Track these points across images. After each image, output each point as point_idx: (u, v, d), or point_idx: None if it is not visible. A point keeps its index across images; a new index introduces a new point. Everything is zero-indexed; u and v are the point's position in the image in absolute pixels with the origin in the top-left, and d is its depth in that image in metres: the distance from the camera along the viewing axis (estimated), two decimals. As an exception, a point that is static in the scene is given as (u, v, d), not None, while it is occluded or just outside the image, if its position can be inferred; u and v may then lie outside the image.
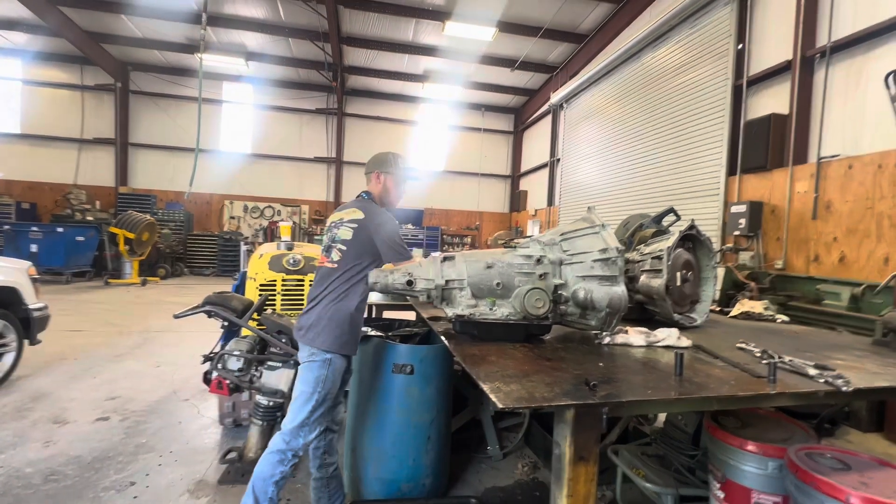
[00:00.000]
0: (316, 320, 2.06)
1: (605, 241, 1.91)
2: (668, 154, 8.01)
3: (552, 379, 1.44)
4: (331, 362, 2.04)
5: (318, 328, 2.05)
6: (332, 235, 2.19)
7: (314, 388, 2.01)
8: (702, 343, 2.04)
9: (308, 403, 2.00)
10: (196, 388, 4.29)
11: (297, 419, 1.99)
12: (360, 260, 2.10)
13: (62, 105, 14.33)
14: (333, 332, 2.04)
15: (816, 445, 1.74)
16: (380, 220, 2.13)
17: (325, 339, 2.03)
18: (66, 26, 11.60)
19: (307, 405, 2.00)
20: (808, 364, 1.64)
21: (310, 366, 2.04)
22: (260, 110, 15.63)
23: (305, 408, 2.00)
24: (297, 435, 2.00)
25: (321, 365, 2.03)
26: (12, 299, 4.28)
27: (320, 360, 2.03)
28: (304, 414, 2.00)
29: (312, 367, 2.03)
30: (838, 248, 5.13)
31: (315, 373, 2.02)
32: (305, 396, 2.01)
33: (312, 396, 2.00)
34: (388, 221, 2.16)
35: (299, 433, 2.00)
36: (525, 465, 3.19)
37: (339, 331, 2.05)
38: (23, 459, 2.94)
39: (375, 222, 2.12)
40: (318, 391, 2.01)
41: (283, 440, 2.00)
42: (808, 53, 5.62)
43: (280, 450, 1.98)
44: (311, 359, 2.04)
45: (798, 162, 5.67)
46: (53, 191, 14.12)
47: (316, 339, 2.03)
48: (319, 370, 2.02)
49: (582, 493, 1.27)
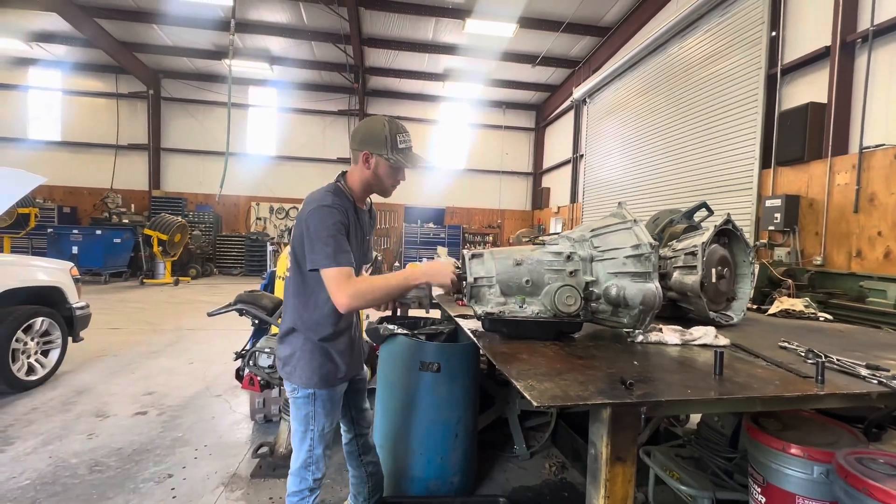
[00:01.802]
0: (290, 353, 1.78)
1: (638, 237, 1.86)
2: (697, 148, 7.77)
3: (585, 378, 1.41)
4: (315, 396, 1.77)
5: (293, 362, 1.77)
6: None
7: (305, 426, 1.79)
8: (740, 342, 1.96)
9: (304, 443, 1.80)
10: (227, 384, 4.42)
11: (300, 459, 1.81)
12: (304, 265, 1.68)
13: (99, 113, 14.99)
14: (311, 366, 1.75)
15: (866, 450, 1.65)
16: (311, 208, 1.65)
17: (302, 374, 1.75)
18: (101, 37, 12.13)
19: (304, 444, 1.80)
20: (858, 364, 1.56)
21: (295, 402, 1.80)
22: (284, 113, 15.97)
23: (303, 447, 1.80)
24: (305, 476, 1.81)
25: (305, 402, 1.77)
26: (57, 298, 4.49)
27: (302, 396, 1.77)
28: (303, 454, 1.80)
29: (297, 403, 1.79)
30: (883, 243, 4.87)
31: (302, 410, 1.78)
32: (300, 435, 1.81)
33: (307, 435, 1.79)
34: (317, 209, 1.63)
35: (306, 473, 1.81)
36: (553, 465, 3.15)
37: (317, 363, 1.76)
38: (69, 450, 3.09)
39: (306, 211, 1.66)
40: (311, 428, 1.79)
41: (295, 481, 1.83)
42: (848, 38, 5.36)
43: (296, 491, 1.81)
44: (293, 395, 1.79)
45: (838, 153, 5.42)
46: (92, 195, 14.78)
47: (292, 374, 1.77)
48: (305, 407, 1.78)
49: (619, 494, 1.24)
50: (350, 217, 1.73)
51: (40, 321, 4.27)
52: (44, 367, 4.33)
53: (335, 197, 1.70)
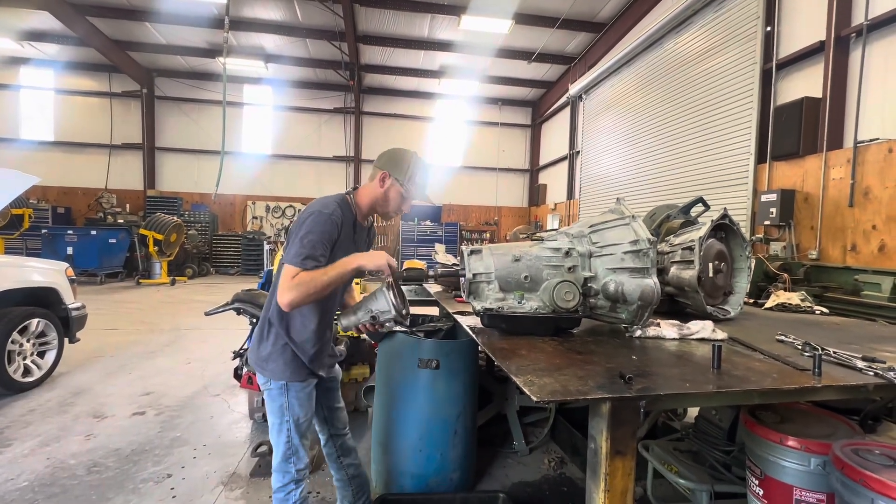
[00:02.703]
0: (263, 346, 1.85)
1: (636, 233, 1.87)
2: (693, 143, 7.79)
3: (584, 372, 1.41)
4: (287, 388, 1.83)
5: (266, 354, 1.84)
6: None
7: (281, 417, 1.84)
8: (738, 336, 1.98)
9: (282, 434, 1.84)
10: (226, 383, 4.41)
11: (279, 453, 1.86)
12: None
13: (92, 112, 14.87)
14: (283, 358, 1.82)
15: (863, 441, 1.67)
16: (309, 212, 1.74)
17: (275, 367, 1.82)
18: (93, 35, 12.01)
19: (282, 436, 1.84)
20: (854, 356, 1.57)
21: (269, 394, 1.85)
22: (279, 111, 15.88)
23: (281, 439, 1.85)
24: (287, 469, 1.85)
25: (279, 392, 1.83)
26: (52, 299, 4.47)
27: (276, 387, 1.83)
28: (282, 446, 1.85)
29: (272, 395, 1.85)
30: (878, 237, 4.90)
31: (276, 401, 1.84)
32: (276, 428, 1.85)
33: (283, 427, 1.84)
34: (317, 214, 1.72)
35: (288, 465, 1.85)
36: (552, 461, 3.16)
37: (289, 356, 1.83)
38: (67, 451, 3.08)
39: (305, 214, 1.75)
40: (287, 419, 1.83)
41: (279, 477, 1.87)
42: (842, 33, 5.37)
43: (281, 486, 1.86)
44: (266, 386, 1.85)
45: (833, 147, 5.44)
46: (86, 195, 14.68)
47: (265, 367, 1.84)
48: (279, 398, 1.83)
49: (619, 487, 1.25)
50: (344, 231, 1.78)
51: (36, 322, 4.24)
52: (40, 368, 4.31)
53: (338, 207, 1.77)
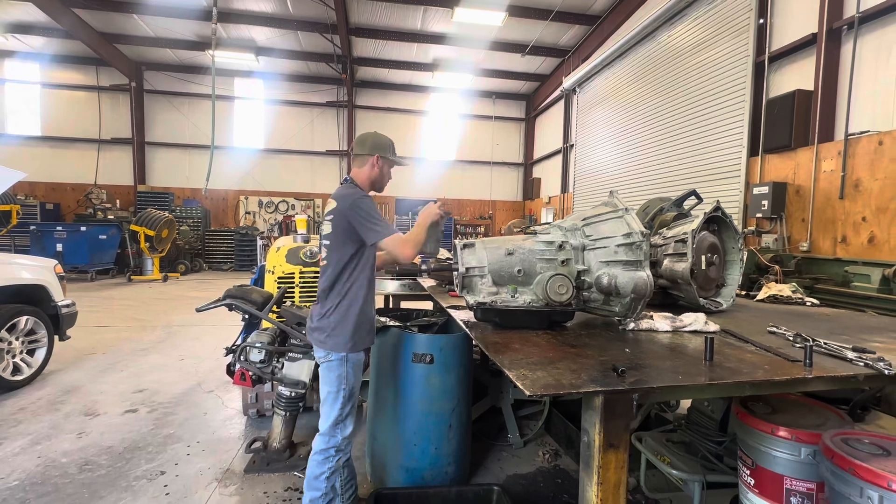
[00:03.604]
0: (326, 323, 2.08)
1: (629, 225, 1.86)
2: (687, 136, 7.81)
3: (578, 366, 1.41)
4: (347, 359, 2.08)
5: (328, 331, 2.07)
6: (320, 232, 2.23)
7: (338, 386, 2.07)
8: (730, 327, 1.99)
9: (337, 402, 2.07)
10: (219, 380, 4.39)
11: (331, 418, 2.08)
12: (345, 249, 2.05)
13: (79, 106, 14.62)
14: (344, 334, 2.06)
15: (852, 431, 1.68)
16: (352, 200, 2.02)
17: (337, 341, 2.06)
18: (79, 28, 11.77)
19: (336, 403, 2.07)
20: (845, 347, 1.58)
21: (328, 366, 2.09)
22: (271, 105, 15.71)
23: (335, 406, 2.07)
24: (334, 433, 2.08)
25: (339, 363, 2.07)
26: (41, 296, 4.40)
27: (336, 359, 2.07)
28: (335, 412, 2.07)
29: (331, 366, 2.08)
30: (867, 229, 4.95)
31: (335, 371, 2.07)
32: (333, 396, 2.08)
33: (339, 395, 2.08)
34: (358, 201, 2.03)
35: (335, 431, 2.09)
36: (546, 453, 3.18)
37: (350, 331, 2.06)
38: (58, 450, 3.05)
39: (348, 204, 2.02)
40: (343, 388, 2.08)
41: (323, 440, 2.09)
42: (834, 25, 5.38)
43: (322, 449, 2.08)
44: (327, 359, 2.09)
45: (824, 140, 5.47)
46: (75, 191, 14.47)
47: (327, 341, 2.07)
48: (339, 368, 2.07)
49: (612, 480, 1.25)
50: None
51: (24, 320, 4.18)
52: (30, 366, 4.25)
53: (361, 190, 2.13)
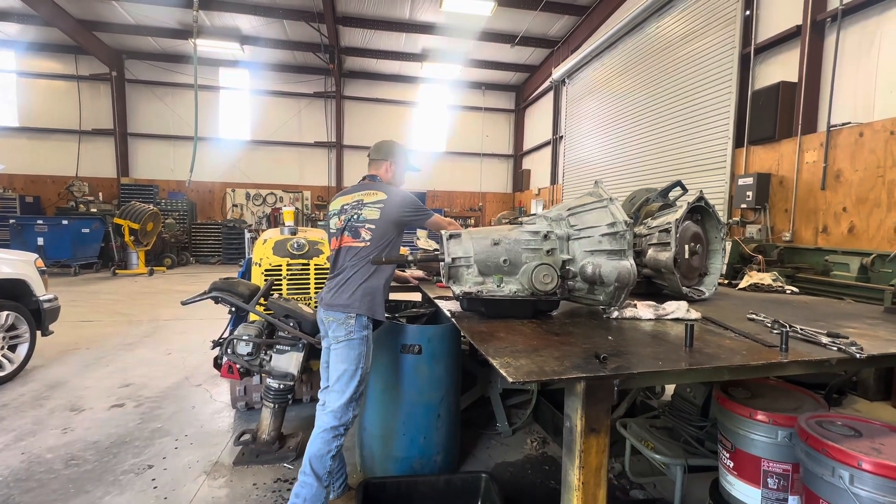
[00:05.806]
0: (352, 293, 2.20)
1: (613, 215, 1.88)
2: (674, 127, 7.86)
3: (561, 353, 1.43)
4: (367, 339, 2.20)
5: (356, 298, 2.20)
6: (355, 216, 2.32)
7: (356, 364, 2.15)
8: (711, 315, 2.03)
9: (353, 380, 2.14)
10: (207, 373, 4.36)
11: (345, 396, 2.13)
12: (387, 235, 2.30)
13: (58, 96, 14.21)
14: (371, 301, 2.22)
15: (826, 413, 1.74)
16: (401, 197, 2.33)
17: (363, 306, 2.19)
18: (57, 15, 11.40)
19: (353, 381, 2.14)
20: (820, 333, 1.63)
21: (349, 344, 2.16)
22: (257, 96, 15.43)
23: (352, 384, 2.14)
24: (347, 411, 2.13)
25: (360, 342, 2.17)
26: (22, 291, 4.31)
27: (358, 338, 2.16)
28: (351, 390, 2.13)
29: (353, 344, 2.16)
30: (847, 219, 5.06)
31: (356, 350, 2.16)
32: (350, 374, 2.14)
33: (356, 373, 2.14)
34: (408, 197, 2.36)
35: (348, 409, 2.14)
36: (534, 441, 3.23)
37: (374, 300, 2.23)
38: (43, 446, 3.01)
39: (398, 200, 2.32)
40: (361, 367, 2.16)
41: (335, 417, 2.12)
42: (818, 17, 5.44)
43: (333, 426, 2.11)
44: (349, 338, 2.16)
45: (807, 131, 5.55)
46: (56, 183, 14.12)
47: (352, 305, 2.18)
48: (360, 347, 2.17)
49: (594, 464, 1.28)
50: None
51: (5, 315, 4.10)
52: (12, 362, 4.18)
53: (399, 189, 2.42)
